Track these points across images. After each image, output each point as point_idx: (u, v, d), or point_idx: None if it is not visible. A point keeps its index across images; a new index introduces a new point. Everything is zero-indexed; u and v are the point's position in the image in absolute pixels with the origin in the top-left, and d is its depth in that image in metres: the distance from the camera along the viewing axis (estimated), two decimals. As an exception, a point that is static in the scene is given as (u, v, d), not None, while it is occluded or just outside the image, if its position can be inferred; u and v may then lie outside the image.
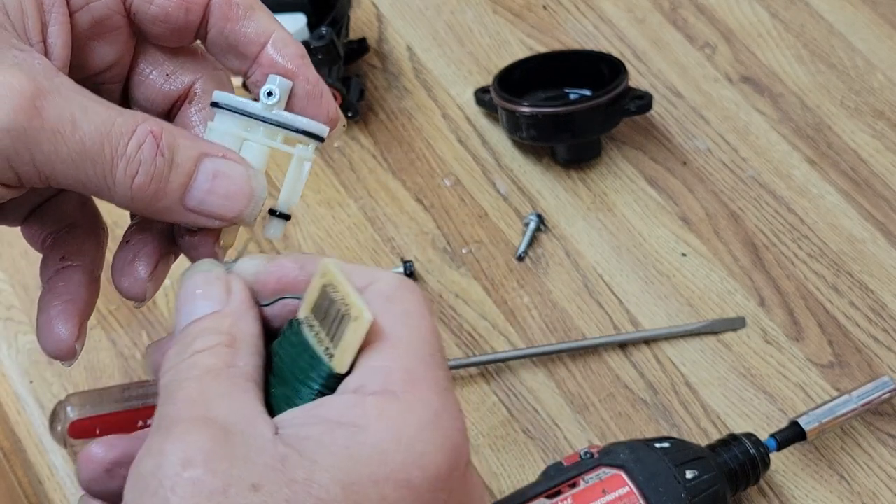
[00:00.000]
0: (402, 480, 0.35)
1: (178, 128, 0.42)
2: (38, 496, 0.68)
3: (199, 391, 0.37)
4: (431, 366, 0.38)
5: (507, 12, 0.87)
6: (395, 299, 0.39)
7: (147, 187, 0.41)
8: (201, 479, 0.34)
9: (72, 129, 0.39)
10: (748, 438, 0.63)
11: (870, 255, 0.74)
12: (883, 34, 0.84)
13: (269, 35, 0.44)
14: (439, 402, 0.37)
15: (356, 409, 0.36)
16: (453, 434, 0.36)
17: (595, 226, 0.76)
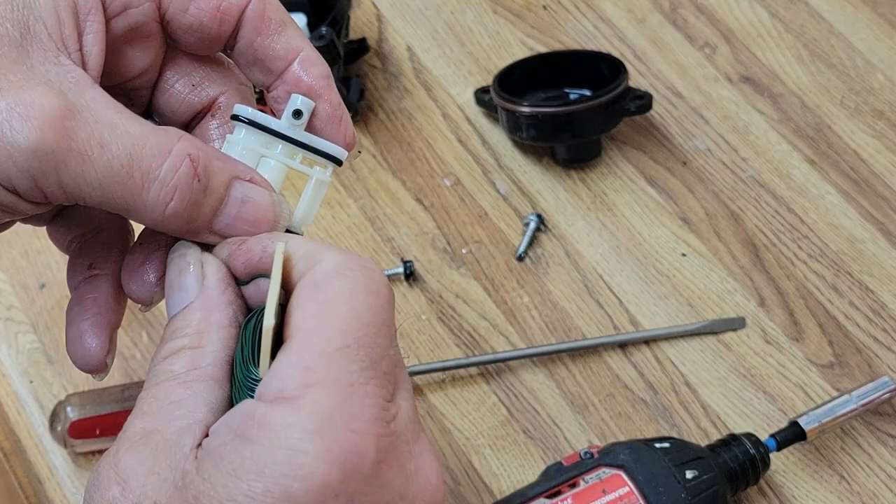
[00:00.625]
0: (281, 494, 0.34)
1: (210, 147, 0.42)
2: (38, 496, 0.68)
3: (153, 402, 0.38)
4: (336, 360, 0.36)
5: (507, 12, 0.87)
6: (323, 286, 0.38)
7: (181, 212, 0.40)
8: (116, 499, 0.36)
9: (100, 152, 0.38)
10: (748, 438, 0.63)
11: (870, 255, 0.74)
12: (883, 34, 0.84)
13: (297, 52, 0.44)
14: (332, 402, 0.35)
15: (248, 420, 0.36)
16: (345, 437, 0.35)
17: (595, 226, 0.76)
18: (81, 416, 0.66)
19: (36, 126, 0.37)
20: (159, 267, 0.44)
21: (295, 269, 0.39)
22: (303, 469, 0.34)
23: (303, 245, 0.40)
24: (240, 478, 0.35)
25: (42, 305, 0.74)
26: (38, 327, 0.73)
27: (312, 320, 0.37)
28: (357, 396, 0.36)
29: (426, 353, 0.71)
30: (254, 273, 0.41)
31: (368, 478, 0.35)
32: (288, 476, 0.34)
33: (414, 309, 0.73)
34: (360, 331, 0.37)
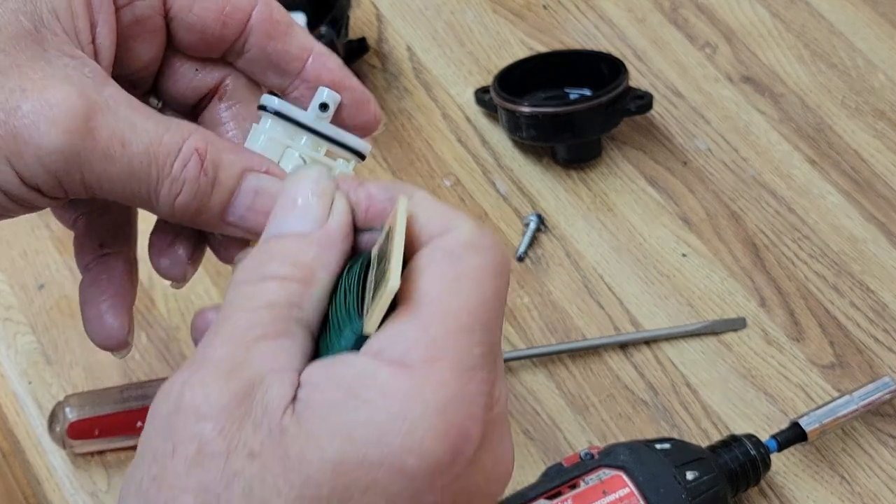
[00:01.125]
0: (396, 466, 0.34)
1: (223, 140, 0.42)
2: (37, 497, 0.68)
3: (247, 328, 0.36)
4: (463, 340, 0.35)
5: (507, 12, 0.87)
6: (457, 257, 0.37)
7: (189, 205, 0.41)
8: (208, 437, 0.34)
9: (122, 151, 0.39)
10: (749, 439, 0.63)
11: (871, 255, 0.74)
12: (884, 34, 0.84)
13: (310, 50, 0.44)
14: (454, 385, 0.35)
15: (366, 380, 0.34)
16: (462, 422, 0.35)
17: (595, 226, 0.76)
18: (80, 417, 0.65)
19: (63, 129, 0.37)
20: (189, 244, 0.45)
21: (424, 229, 0.38)
22: (423, 445, 0.34)
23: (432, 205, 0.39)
24: (354, 441, 0.34)
25: (41, 306, 0.74)
26: (36, 328, 0.73)
27: (445, 293, 0.36)
28: (475, 381, 0.35)
29: (426, 353, 0.71)
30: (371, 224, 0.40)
31: (470, 461, 0.35)
32: (406, 450, 0.34)
33: (414, 309, 0.73)
34: (485, 315, 0.36)
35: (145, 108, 0.40)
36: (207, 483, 0.34)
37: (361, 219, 0.40)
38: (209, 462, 0.34)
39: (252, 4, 0.43)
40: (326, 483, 0.33)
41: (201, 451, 0.34)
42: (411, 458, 0.34)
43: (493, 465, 0.37)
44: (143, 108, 0.40)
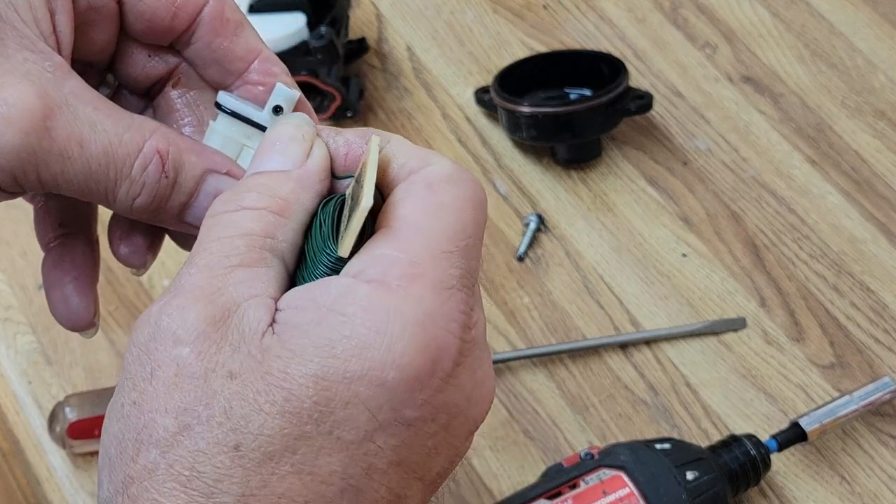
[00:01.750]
0: (377, 379, 0.34)
1: (185, 139, 0.42)
2: (37, 496, 0.68)
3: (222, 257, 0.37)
4: (442, 261, 0.36)
5: (507, 12, 0.87)
6: (436, 188, 0.38)
7: (148, 206, 0.41)
8: (186, 360, 0.34)
9: (79, 151, 0.39)
10: (749, 439, 0.63)
11: (871, 255, 0.74)
12: (884, 34, 0.84)
13: (257, 53, 0.44)
14: (435, 301, 0.35)
15: (347, 297, 0.35)
16: (441, 336, 0.35)
17: (595, 226, 0.76)
18: (80, 417, 0.65)
19: (18, 128, 0.37)
20: (147, 232, 0.45)
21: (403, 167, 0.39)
22: (402, 359, 0.34)
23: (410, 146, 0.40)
24: (336, 356, 0.34)
25: (41, 306, 0.74)
26: (36, 328, 0.73)
27: (423, 218, 0.37)
28: (453, 300, 0.36)
29: (426, 353, 0.71)
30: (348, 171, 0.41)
31: (448, 377, 0.36)
32: (387, 363, 0.34)
33: (414, 309, 0.73)
34: (463, 241, 0.37)
35: (106, 103, 0.40)
36: (187, 403, 0.34)
37: (340, 165, 0.41)
38: (188, 384, 0.34)
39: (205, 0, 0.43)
40: (308, 397, 0.34)
41: (179, 374, 0.34)
42: (392, 370, 0.34)
43: (472, 385, 0.37)
44: (104, 104, 0.40)
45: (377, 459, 0.35)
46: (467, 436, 0.38)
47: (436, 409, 0.36)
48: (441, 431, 0.36)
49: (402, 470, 0.36)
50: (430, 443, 0.36)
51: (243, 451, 0.34)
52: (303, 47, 0.76)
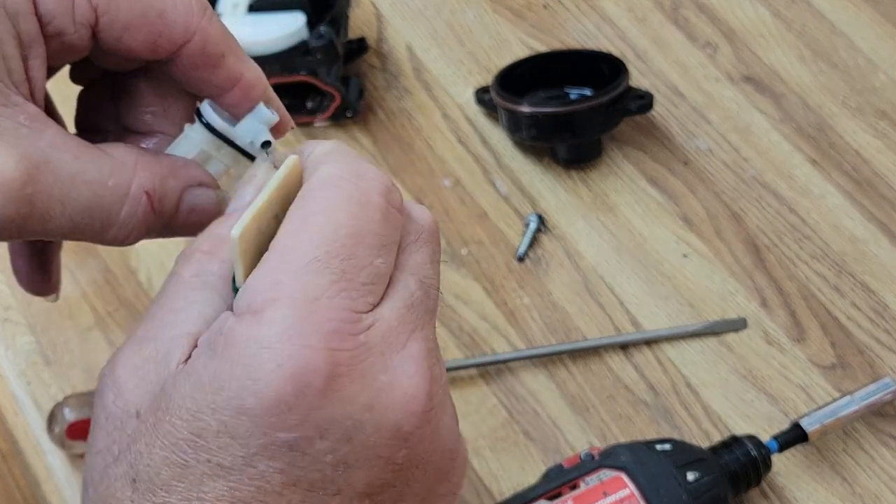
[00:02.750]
0: (238, 408, 0.35)
1: (162, 163, 0.42)
2: (36, 498, 0.68)
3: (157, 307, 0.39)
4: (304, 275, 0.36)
5: (507, 12, 0.87)
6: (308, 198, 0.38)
7: (134, 240, 0.42)
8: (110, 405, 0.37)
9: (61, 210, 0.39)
10: (749, 440, 0.63)
11: (872, 255, 0.74)
12: (885, 34, 0.84)
13: (236, 80, 0.43)
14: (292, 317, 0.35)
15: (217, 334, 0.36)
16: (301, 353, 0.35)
17: (596, 226, 0.76)
18: (79, 418, 0.65)
19: None
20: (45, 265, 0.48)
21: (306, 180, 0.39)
22: (257, 384, 0.35)
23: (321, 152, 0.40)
24: (203, 391, 0.35)
25: (40, 307, 0.73)
26: (35, 328, 0.73)
27: (289, 236, 0.37)
28: (319, 311, 0.36)
29: (426, 354, 0.71)
30: None
31: (323, 392, 0.35)
32: (244, 390, 0.35)
33: (414, 310, 0.73)
34: (336, 242, 0.36)
35: (86, 148, 0.40)
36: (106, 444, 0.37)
37: None
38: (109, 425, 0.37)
39: (186, 38, 0.41)
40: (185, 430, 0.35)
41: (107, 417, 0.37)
42: (250, 398, 0.35)
43: (372, 393, 0.36)
44: (85, 150, 0.40)
45: (265, 483, 0.35)
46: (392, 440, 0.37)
47: (319, 426, 0.35)
48: (341, 446, 0.36)
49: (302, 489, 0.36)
50: (329, 458, 0.36)
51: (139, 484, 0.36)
52: (302, 47, 0.76)
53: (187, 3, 0.41)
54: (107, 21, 0.40)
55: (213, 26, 0.42)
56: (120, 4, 0.40)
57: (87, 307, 0.73)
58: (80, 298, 0.74)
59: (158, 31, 0.41)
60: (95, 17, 0.40)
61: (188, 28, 0.41)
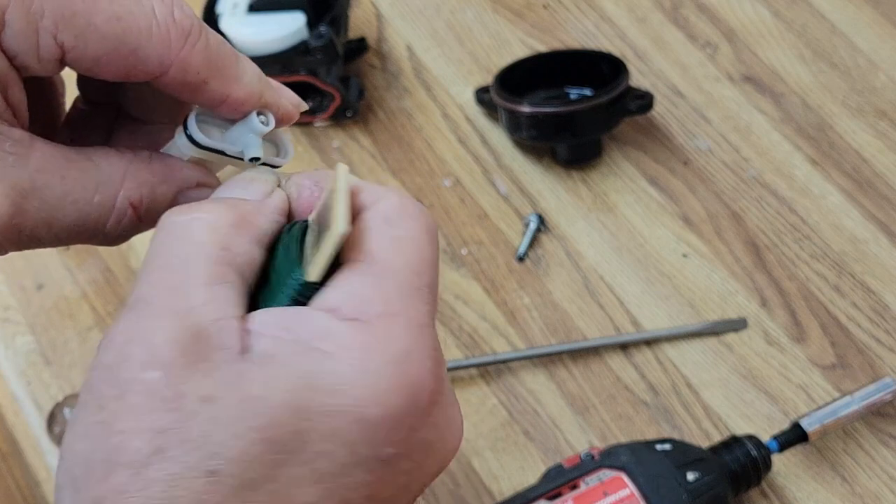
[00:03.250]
0: (357, 415, 0.34)
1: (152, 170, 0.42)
2: (36, 497, 0.67)
3: (183, 270, 0.36)
4: (413, 299, 0.37)
5: (507, 11, 0.87)
6: (394, 222, 0.38)
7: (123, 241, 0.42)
8: (157, 385, 0.34)
9: (48, 231, 0.39)
10: (750, 440, 0.63)
11: (872, 255, 0.74)
12: (885, 34, 0.84)
13: (221, 102, 0.42)
14: (410, 339, 0.36)
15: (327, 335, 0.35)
16: (419, 374, 0.36)
17: (596, 226, 0.76)
18: (79, 418, 0.65)
19: None
20: None
21: (355, 201, 0.39)
22: (383, 396, 0.35)
23: (359, 181, 0.40)
24: (316, 389, 0.34)
25: (40, 306, 0.73)
26: (35, 328, 0.73)
27: (389, 253, 0.37)
28: (426, 337, 0.37)
29: (426, 354, 0.71)
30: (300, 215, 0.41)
31: (424, 415, 0.36)
32: (368, 400, 0.34)
33: (414, 310, 0.73)
34: (427, 275, 0.38)
35: (73, 165, 0.40)
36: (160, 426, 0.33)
37: (292, 208, 0.41)
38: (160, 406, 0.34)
39: (162, 70, 0.40)
40: (287, 426, 0.34)
41: (151, 397, 0.34)
42: (373, 407, 0.35)
43: (445, 423, 0.37)
44: (71, 168, 0.40)
45: (352, 494, 0.35)
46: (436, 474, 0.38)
47: (411, 447, 0.36)
48: (415, 469, 0.37)
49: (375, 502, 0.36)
50: (402, 480, 0.36)
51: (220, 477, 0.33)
52: (302, 47, 0.76)
53: (164, 35, 0.40)
54: (74, 57, 0.39)
55: (193, 55, 0.40)
56: (88, 42, 0.39)
57: (87, 307, 0.73)
58: (80, 298, 0.74)
59: (132, 65, 0.40)
60: (62, 53, 0.39)
61: (163, 62, 0.40)
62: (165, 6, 0.40)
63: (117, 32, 0.39)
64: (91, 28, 0.38)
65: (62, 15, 0.38)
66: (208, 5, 0.79)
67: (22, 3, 0.37)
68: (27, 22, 0.38)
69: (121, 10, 0.39)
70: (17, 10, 0.37)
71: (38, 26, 0.38)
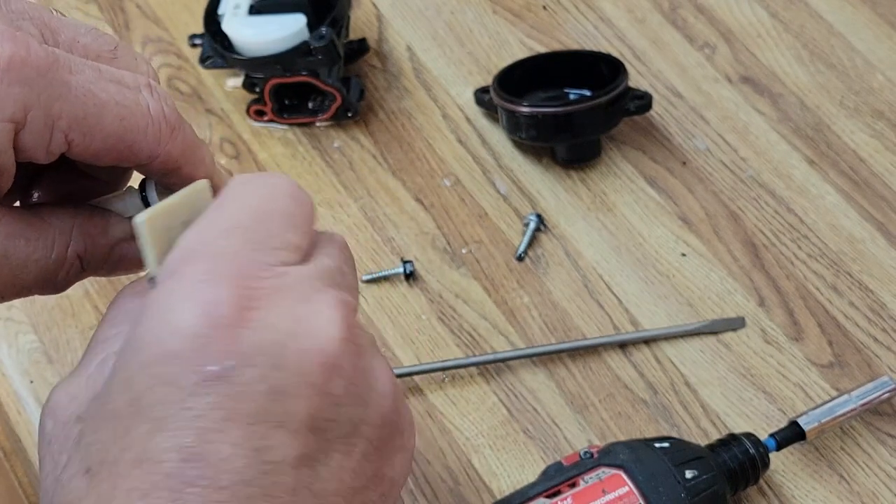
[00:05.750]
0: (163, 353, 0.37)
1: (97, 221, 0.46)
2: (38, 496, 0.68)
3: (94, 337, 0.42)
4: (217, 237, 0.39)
5: (506, 12, 0.87)
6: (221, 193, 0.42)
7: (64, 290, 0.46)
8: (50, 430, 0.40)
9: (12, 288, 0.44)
10: (748, 438, 0.63)
11: (869, 255, 0.74)
12: (882, 34, 0.84)
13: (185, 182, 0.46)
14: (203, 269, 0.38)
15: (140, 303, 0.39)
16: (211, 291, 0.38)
17: (595, 226, 0.76)
18: (82, 416, 0.66)
19: None
20: None
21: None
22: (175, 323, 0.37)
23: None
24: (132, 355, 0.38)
25: (42, 305, 0.74)
26: (38, 327, 0.73)
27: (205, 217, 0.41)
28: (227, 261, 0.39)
29: (426, 353, 0.71)
30: None
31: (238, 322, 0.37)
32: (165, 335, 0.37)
33: (414, 309, 0.73)
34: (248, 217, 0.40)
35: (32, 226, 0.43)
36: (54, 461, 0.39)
37: None
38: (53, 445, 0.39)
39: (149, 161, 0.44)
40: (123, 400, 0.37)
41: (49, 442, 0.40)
42: (171, 339, 0.37)
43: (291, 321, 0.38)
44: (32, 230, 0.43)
45: (203, 422, 0.36)
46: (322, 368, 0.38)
47: (243, 353, 0.37)
48: (271, 372, 0.37)
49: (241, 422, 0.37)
50: (261, 387, 0.37)
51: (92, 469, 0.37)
52: (303, 48, 0.76)
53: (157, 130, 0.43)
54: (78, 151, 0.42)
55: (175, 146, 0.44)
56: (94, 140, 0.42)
57: (89, 306, 0.74)
58: (82, 297, 0.74)
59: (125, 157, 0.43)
60: (68, 148, 0.42)
61: (152, 154, 0.44)
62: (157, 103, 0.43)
63: (119, 132, 0.42)
64: (98, 128, 0.42)
65: (75, 116, 0.41)
66: (209, 7, 0.80)
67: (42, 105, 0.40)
68: (45, 124, 0.41)
69: (124, 112, 0.42)
70: (38, 112, 0.40)
71: (54, 126, 0.41)
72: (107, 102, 0.42)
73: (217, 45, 0.78)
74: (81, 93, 0.41)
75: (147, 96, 0.43)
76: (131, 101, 0.43)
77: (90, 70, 0.42)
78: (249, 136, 0.82)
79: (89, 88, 0.41)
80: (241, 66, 0.79)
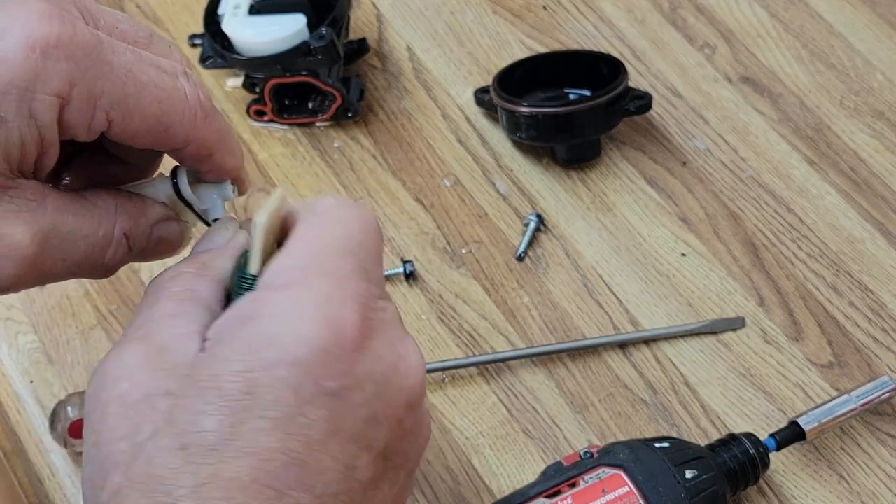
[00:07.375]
0: (291, 359, 0.39)
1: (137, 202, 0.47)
2: (39, 496, 0.68)
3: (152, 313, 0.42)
4: (334, 257, 0.41)
5: (506, 12, 0.87)
6: (321, 213, 0.43)
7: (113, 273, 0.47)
8: (127, 392, 0.40)
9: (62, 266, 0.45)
10: (748, 438, 0.63)
11: (869, 255, 0.74)
12: (882, 34, 0.84)
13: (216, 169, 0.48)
14: (330, 287, 0.40)
15: (254, 304, 0.40)
16: (338, 313, 0.40)
17: (595, 226, 0.76)
18: (82, 416, 0.66)
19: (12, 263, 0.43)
20: None
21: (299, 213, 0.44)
22: (306, 336, 0.39)
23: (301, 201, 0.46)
24: (254, 351, 0.39)
25: (42, 305, 0.74)
26: (38, 327, 0.73)
27: (309, 230, 0.42)
28: (348, 288, 0.41)
29: (426, 352, 0.71)
30: None
31: (359, 347, 0.40)
32: (297, 343, 0.39)
33: (414, 309, 0.73)
34: (351, 243, 0.42)
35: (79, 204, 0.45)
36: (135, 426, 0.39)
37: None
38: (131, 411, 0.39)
39: (183, 145, 0.46)
40: (236, 389, 0.38)
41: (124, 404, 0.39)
42: (301, 348, 0.39)
43: (395, 357, 0.41)
44: (80, 210, 0.45)
45: (312, 431, 0.39)
46: (407, 406, 0.42)
47: (357, 377, 0.40)
48: (373, 400, 0.40)
49: (341, 439, 0.39)
50: (363, 412, 0.40)
51: (191, 449, 0.38)
52: (303, 48, 0.76)
53: (192, 114, 0.45)
54: (117, 130, 0.44)
55: (209, 131, 0.46)
56: (133, 120, 0.44)
57: (89, 306, 0.74)
58: (82, 297, 0.74)
59: (161, 140, 0.45)
60: (109, 127, 0.44)
61: (187, 138, 0.46)
62: (193, 89, 0.45)
63: (157, 113, 0.44)
64: (137, 109, 0.44)
65: (117, 96, 0.43)
66: (209, 7, 0.80)
67: (87, 82, 0.42)
68: (88, 101, 0.42)
69: (162, 95, 0.44)
70: (82, 89, 0.42)
71: (97, 104, 0.43)
72: (146, 84, 0.43)
73: (217, 46, 0.78)
74: (123, 73, 0.43)
75: (184, 82, 0.45)
76: (169, 85, 0.44)
77: (131, 53, 0.44)
78: (249, 136, 0.82)
79: (130, 70, 0.43)
80: (241, 66, 0.79)
